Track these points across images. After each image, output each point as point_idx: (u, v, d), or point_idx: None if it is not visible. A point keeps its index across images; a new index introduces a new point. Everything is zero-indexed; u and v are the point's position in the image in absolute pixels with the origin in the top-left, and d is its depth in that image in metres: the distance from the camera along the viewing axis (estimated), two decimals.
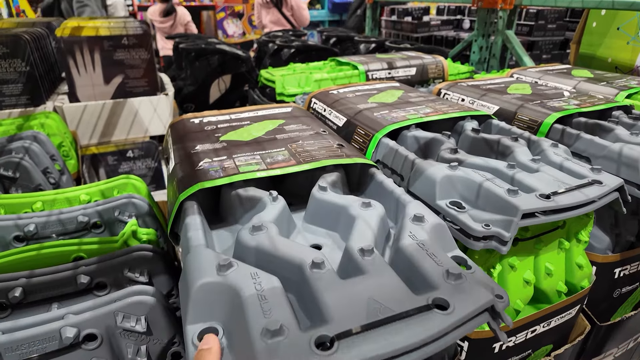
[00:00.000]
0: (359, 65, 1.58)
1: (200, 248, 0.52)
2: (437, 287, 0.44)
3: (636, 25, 1.66)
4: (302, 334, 0.38)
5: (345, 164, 0.76)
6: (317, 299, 0.43)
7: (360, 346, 0.37)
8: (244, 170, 0.69)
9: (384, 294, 0.43)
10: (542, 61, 3.17)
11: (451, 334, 0.40)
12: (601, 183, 0.68)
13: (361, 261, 0.48)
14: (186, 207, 0.64)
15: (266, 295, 0.43)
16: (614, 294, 0.95)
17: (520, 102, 1.04)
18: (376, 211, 0.59)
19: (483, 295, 0.43)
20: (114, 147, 1.58)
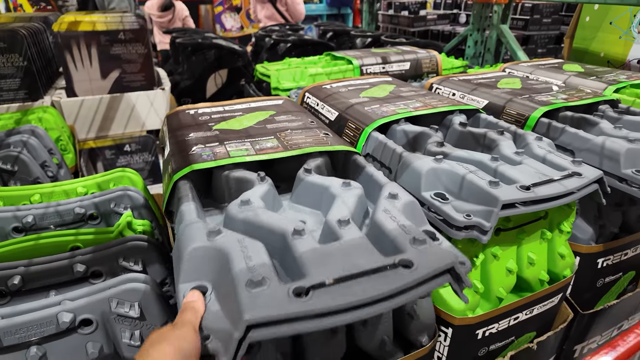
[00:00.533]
0: (354, 60, 1.59)
1: (192, 219, 0.57)
2: (404, 250, 0.49)
3: (628, 19, 1.67)
4: (282, 285, 0.44)
5: (330, 152, 0.80)
6: (297, 258, 0.48)
7: (332, 295, 0.42)
8: (234, 155, 0.74)
9: (356, 255, 0.48)
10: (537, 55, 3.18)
11: (414, 290, 0.44)
12: (581, 175, 0.71)
13: (338, 230, 0.53)
14: (179, 185, 0.69)
15: (251, 256, 0.48)
16: (597, 284, 0.97)
17: (509, 97, 1.06)
18: (355, 191, 0.64)
19: (445, 258, 0.48)
20: (111, 141, 1.60)
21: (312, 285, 0.43)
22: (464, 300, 0.51)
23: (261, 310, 0.40)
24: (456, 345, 0.74)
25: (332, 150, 0.79)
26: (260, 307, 0.41)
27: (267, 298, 0.42)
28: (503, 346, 0.81)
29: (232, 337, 0.40)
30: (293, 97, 1.38)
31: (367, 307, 0.42)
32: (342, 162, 0.84)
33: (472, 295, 0.73)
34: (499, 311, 0.74)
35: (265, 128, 0.89)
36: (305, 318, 0.41)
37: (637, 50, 1.66)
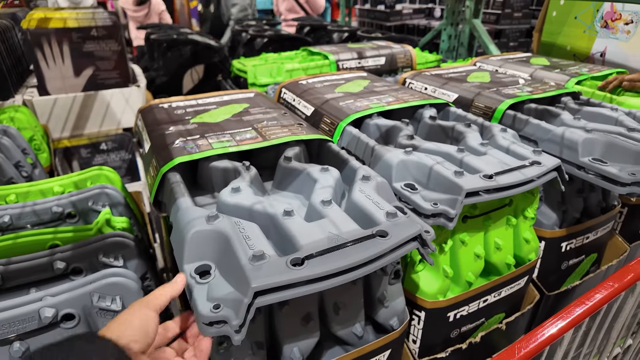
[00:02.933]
0: (330, 55, 1.61)
1: (189, 206, 0.61)
2: (379, 223, 0.57)
3: (591, 14, 1.74)
4: (281, 258, 0.50)
5: (305, 141, 0.85)
6: (289, 236, 0.55)
7: (323, 263, 0.49)
8: (217, 147, 0.78)
9: (340, 230, 0.55)
10: (509, 48, 3.27)
11: (389, 254, 0.53)
12: (540, 164, 0.75)
13: (322, 209, 0.60)
14: (169, 177, 0.72)
15: (249, 235, 0.54)
16: (562, 266, 1.03)
17: (477, 90, 1.10)
18: (332, 174, 0.70)
19: (413, 228, 0.56)
20: (86, 140, 1.58)
21: (306, 256, 0.49)
22: (429, 262, 0.59)
23: (265, 278, 0.46)
24: (429, 328, 0.78)
25: (307, 139, 0.84)
26: (264, 276, 0.47)
27: (269, 269, 0.48)
28: (474, 327, 0.86)
29: (242, 303, 0.46)
30: (270, 93, 1.39)
31: (353, 270, 0.49)
32: (316, 149, 0.89)
33: (442, 279, 0.77)
34: (468, 294, 0.78)
35: (242, 121, 0.92)
36: (303, 283, 0.47)
37: (600, 43, 1.74)
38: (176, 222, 0.60)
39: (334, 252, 0.51)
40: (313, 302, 0.59)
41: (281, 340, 0.58)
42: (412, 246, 0.56)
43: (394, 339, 0.66)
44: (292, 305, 0.57)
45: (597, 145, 0.88)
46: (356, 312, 0.62)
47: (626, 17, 1.65)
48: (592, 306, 0.53)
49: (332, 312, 0.61)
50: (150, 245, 0.89)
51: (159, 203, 0.74)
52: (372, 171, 0.70)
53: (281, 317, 0.58)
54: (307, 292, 0.47)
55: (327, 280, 0.48)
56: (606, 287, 0.55)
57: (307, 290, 0.47)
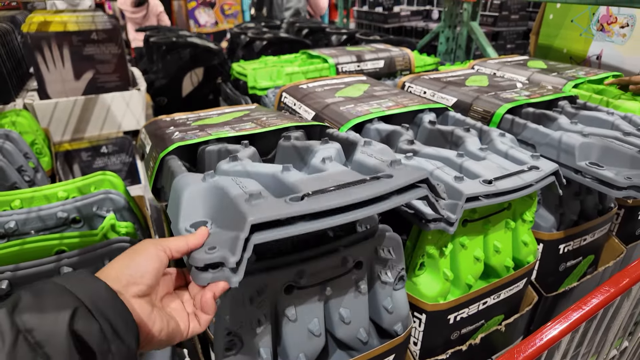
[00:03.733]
0: (329, 59, 1.62)
1: (185, 171, 0.61)
2: (384, 170, 0.55)
3: (587, 17, 1.76)
4: (279, 198, 0.48)
5: (306, 130, 0.86)
6: (289, 184, 0.52)
7: (324, 199, 0.46)
8: (216, 135, 0.78)
9: (342, 178, 0.52)
10: (507, 51, 3.30)
11: (395, 197, 0.50)
12: (538, 168, 0.76)
13: (322, 165, 0.59)
14: (167, 160, 0.72)
15: (246, 185, 0.52)
16: (559, 268, 1.05)
17: (476, 94, 1.12)
18: (334, 145, 0.70)
19: (419, 173, 0.54)
20: (87, 143, 1.59)
21: (306, 194, 0.47)
22: (440, 214, 0.56)
23: (263, 212, 0.44)
24: (430, 330, 0.79)
25: (308, 129, 0.85)
26: (261, 211, 0.44)
27: (267, 205, 0.46)
28: (474, 329, 0.87)
29: (238, 238, 0.43)
30: (270, 96, 1.40)
31: (354, 209, 0.46)
32: (317, 136, 0.89)
33: (442, 282, 0.78)
34: (468, 297, 0.80)
35: (242, 120, 0.93)
36: (303, 218, 0.44)
37: (596, 47, 1.76)
38: (173, 189, 0.58)
39: (335, 191, 0.48)
40: (319, 309, 0.60)
41: (288, 346, 0.59)
42: (420, 191, 0.52)
43: (398, 344, 0.67)
44: (299, 311, 0.57)
45: (593, 150, 0.89)
46: (361, 318, 0.63)
47: (622, 20, 1.67)
48: (588, 310, 0.54)
49: (337, 319, 0.61)
50: None
51: (158, 191, 0.75)
52: (374, 141, 0.71)
53: (288, 324, 0.59)
54: (306, 229, 0.44)
55: (327, 219, 0.45)
56: (602, 291, 0.56)
57: (307, 227, 0.44)
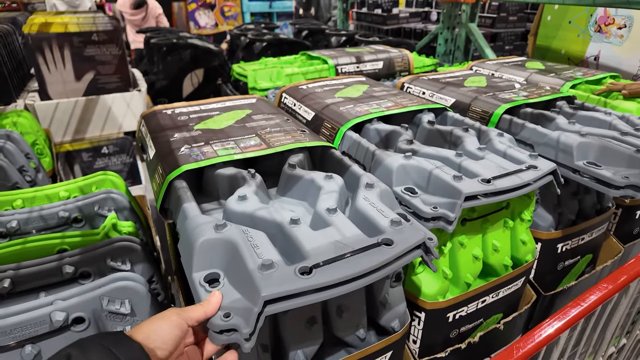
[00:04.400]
0: (329, 60, 1.63)
1: (196, 214, 0.62)
2: (384, 231, 0.58)
3: (585, 19, 1.78)
4: (289, 267, 0.51)
5: (309, 147, 0.87)
6: (297, 244, 0.56)
7: (331, 272, 0.50)
8: (222, 154, 0.79)
9: (346, 238, 0.57)
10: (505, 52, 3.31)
11: (395, 262, 0.54)
12: (537, 168, 0.77)
13: (328, 217, 0.61)
14: (176, 185, 0.73)
15: (257, 244, 0.55)
16: (558, 267, 1.05)
17: (474, 95, 1.12)
18: (337, 182, 0.71)
19: (417, 236, 0.57)
20: (88, 144, 1.59)
21: (314, 265, 0.51)
22: (432, 269, 0.60)
23: (275, 287, 0.48)
24: (429, 328, 0.79)
25: (310, 146, 0.85)
26: (273, 285, 0.48)
27: (278, 277, 0.49)
28: (473, 327, 0.88)
29: (252, 312, 0.47)
30: (270, 97, 1.41)
31: (359, 279, 0.51)
32: (319, 155, 0.90)
33: (441, 281, 0.79)
34: (467, 295, 0.80)
35: (245, 127, 0.93)
36: (311, 292, 0.49)
37: (593, 47, 1.77)
38: (184, 230, 0.61)
39: (341, 260, 0.52)
40: (317, 307, 0.61)
41: (286, 344, 0.60)
42: (416, 254, 0.57)
43: (395, 341, 0.67)
44: (296, 309, 0.58)
45: (591, 149, 0.90)
46: (359, 316, 0.64)
47: (619, 21, 1.68)
48: (587, 307, 0.55)
49: (335, 316, 0.62)
50: (154, 248, 0.91)
51: (165, 210, 0.76)
52: (375, 178, 0.72)
53: (286, 321, 0.59)
54: (315, 300, 0.49)
55: (335, 289, 0.49)
56: (600, 288, 0.57)
57: (315, 298, 0.49)
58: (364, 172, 0.74)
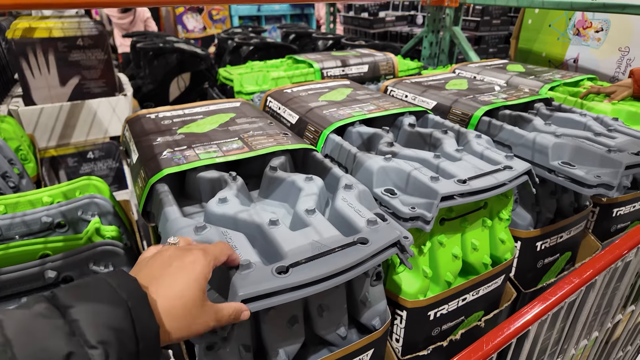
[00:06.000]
0: (314, 64, 1.65)
1: (177, 217, 0.64)
2: (361, 231, 0.60)
3: (564, 22, 1.82)
4: (266, 267, 0.52)
5: (291, 150, 0.88)
6: (275, 244, 0.57)
7: (307, 270, 0.51)
8: (204, 157, 0.80)
9: (323, 238, 0.58)
10: (489, 54, 3.37)
11: (370, 260, 0.56)
12: (512, 168, 0.80)
13: (306, 218, 0.63)
14: (157, 188, 0.74)
15: (236, 245, 0.56)
16: (537, 265, 1.08)
17: (455, 97, 1.15)
18: (316, 183, 0.73)
19: (392, 235, 0.59)
20: (73, 149, 1.59)
21: (291, 264, 0.52)
22: (408, 267, 0.62)
23: (252, 286, 0.49)
24: (411, 327, 0.81)
25: (292, 149, 0.87)
26: (250, 284, 0.49)
27: (255, 277, 0.51)
28: (454, 325, 0.90)
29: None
30: (256, 101, 1.42)
31: (335, 277, 0.52)
32: (301, 158, 0.92)
33: (422, 280, 0.80)
34: (448, 293, 0.82)
35: (228, 131, 0.94)
36: (288, 290, 0.50)
37: (572, 50, 1.81)
38: (165, 232, 0.62)
39: (317, 259, 0.53)
40: (298, 306, 0.62)
41: (268, 343, 0.61)
42: (391, 252, 0.59)
43: (376, 339, 0.69)
44: (277, 309, 0.59)
45: (566, 150, 0.93)
46: (340, 314, 0.65)
47: (596, 25, 1.73)
48: (554, 300, 0.57)
49: (316, 315, 0.63)
50: (139, 252, 0.91)
51: (148, 213, 0.76)
52: (354, 179, 0.74)
53: (267, 321, 0.61)
54: (292, 298, 0.50)
55: (311, 287, 0.51)
56: (568, 282, 0.59)
57: (292, 296, 0.50)
58: (344, 174, 0.76)
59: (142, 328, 0.37)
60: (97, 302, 0.36)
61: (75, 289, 0.37)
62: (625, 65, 1.67)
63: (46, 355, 0.32)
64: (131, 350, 0.36)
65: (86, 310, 0.35)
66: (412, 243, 0.61)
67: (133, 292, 0.38)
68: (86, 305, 0.35)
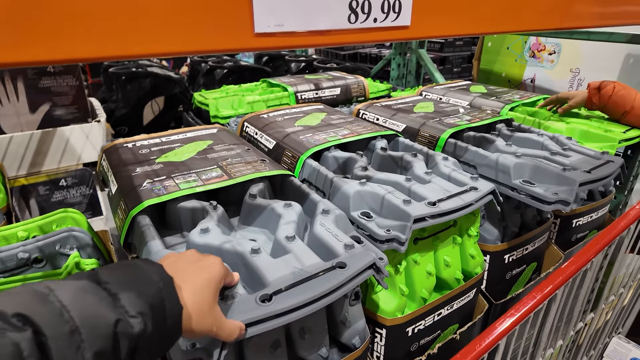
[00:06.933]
0: (289, 87, 1.70)
1: (160, 250, 0.65)
2: (339, 255, 0.64)
3: (521, 45, 1.96)
4: (250, 295, 0.55)
5: (269, 176, 0.91)
6: (257, 272, 0.60)
7: (289, 297, 0.55)
8: (184, 187, 0.82)
9: (303, 264, 0.61)
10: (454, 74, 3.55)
11: (349, 283, 0.59)
12: (477, 189, 0.85)
13: (287, 245, 0.66)
14: (139, 220, 0.75)
15: None
16: (506, 276, 1.14)
17: (423, 120, 1.22)
18: (295, 209, 0.76)
19: (368, 257, 0.63)
20: (45, 177, 1.55)
21: (274, 292, 0.55)
22: (384, 287, 0.66)
23: (237, 316, 0.51)
24: (390, 344, 0.84)
25: (270, 175, 0.89)
26: (235, 314, 0.52)
27: (240, 306, 0.53)
28: (432, 339, 0.93)
29: (216, 341, 0.51)
30: (233, 126, 1.45)
31: (316, 301, 0.55)
32: (279, 183, 0.95)
33: (399, 298, 0.84)
34: (424, 309, 0.86)
35: (207, 159, 0.96)
36: (272, 318, 0.53)
37: (529, 71, 1.95)
38: None
39: (299, 285, 0.56)
40: (280, 330, 0.64)
41: None
42: (368, 273, 0.62)
43: (357, 357, 0.71)
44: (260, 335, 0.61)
45: (526, 169, 1.00)
46: (321, 336, 0.68)
47: (549, 48, 1.87)
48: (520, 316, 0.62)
49: (298, 338, 0.66)
50: None
51: (129, 244, 0.77)
52: (331, 204, 0.77)
53: (251, 347, 0.62)
54: (276, 325, 0.52)
55: (294, 313, 0.53)
56: (531, 297, 0.65)
57: (276, 323, 0.52)
58: (321, 199, 0.80)
59: (170, 307, 0.42)
60: (133, 281, 0.41)
61: (113, 270, 0.42)
62: (577, 85, 1.81)
63: (99, 320, 0.36)
64: (162, 325, 0.41)
65: (125, 287, 0.40)
66: (387, 264, 0.65)
67: (162, 275, 0.43)
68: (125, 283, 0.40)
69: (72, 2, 0.34)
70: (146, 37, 0.36)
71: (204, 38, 0.40)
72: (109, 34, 0.36)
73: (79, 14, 0.34)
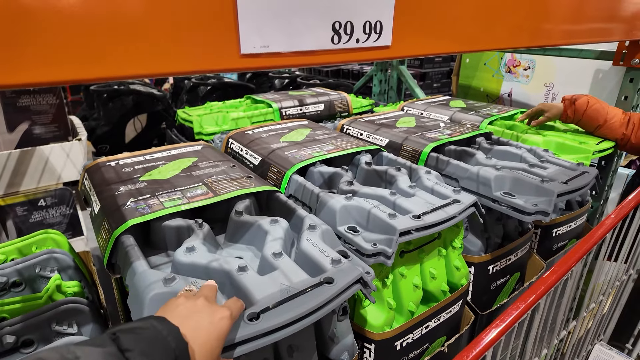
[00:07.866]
0: (273, 104, 1.71)
1: (145, 270, 0.64)
2: (326, 270, 0.64)
3: (497, 61, 2.03)
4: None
5: (255, 192, 0.90)
6: (245, 291, 0.59)
7: (277, 315, 0.54)
8: (169, 205, 0.80)
9: (291, 280, 0.61)
10: (434, 89, 3.65)
11: (336, 299, 0.60)
12: (460, 202, 0.87)
13: (274, 262, 0.66)
14: (123, 240, 0.73)
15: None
16: (491, 287, 1.16)
17: (405, 135, 1.24)
18: (282, 225, 0.76)
19: (355, 272, 0.63)
20: (23, 197, 1.51)
21: (261, 310, 0.55)
22: (371, 301, 0.66)
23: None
24: (380, 358, 0.84)
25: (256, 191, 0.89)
26: None
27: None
28: (420, 353, 0.94)
29: None
30: (217, 142, 1.45)
31: (304, 318, 0.55)
32: (265, 199, 0.95)
33: (387, 311, 0.84)
34: (411, 323, 0.86)
35: (191, 176, 0.95)
36: (260, 336, 0.52)
37: (506, 86, 2.02)
38: (133, 286, 0.62)
39: (286, 303, 0.56)
40: (268, 349, 0.64)
41: None
42: (355, 288, 0.62)
43: None
44: (249, 354, 0.61)
45: (506, 181, 1.03)
46: (310, 353, 0.67)
47: (524, 63, 1.94)
48: (505, 326, 0.63)
49: (287, 356, 0.65)
50: (101, 305, 0.88)
51: (113, 265, 0.76)
52: (317, 219, 0.77)
53: None
54: (264, 343, 0.52)
55: (282, 330, 0.53)
56: (515, 307, 0.66)
57: (265, 341, 0.52)
58: (307, 214, 0.80)
59: None
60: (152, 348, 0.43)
61: (133, 334, 0.44)
62: (551, 99, 1.88)
63: None
64: None
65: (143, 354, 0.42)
66: (374, 278, 0.65)
67: (178, 341, 0.45)
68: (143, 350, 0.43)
69: (56, 26, 0.34)
70: (134, 59, 0.37)
71: (190, 59, 0.40)
72: (96, 56, 0.36)
73: (63, 37, 0.35)
